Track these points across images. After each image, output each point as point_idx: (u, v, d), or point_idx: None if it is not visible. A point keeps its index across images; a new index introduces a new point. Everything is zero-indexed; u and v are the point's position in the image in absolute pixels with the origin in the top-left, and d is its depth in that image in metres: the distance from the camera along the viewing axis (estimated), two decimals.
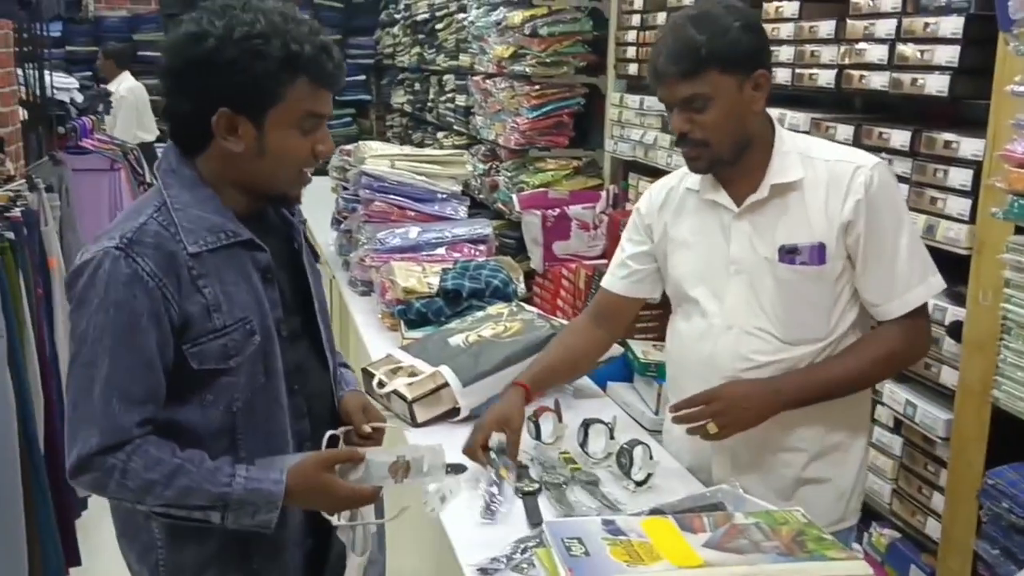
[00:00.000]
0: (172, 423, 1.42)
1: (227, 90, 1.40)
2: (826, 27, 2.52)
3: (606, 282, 2.04)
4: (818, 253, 1.74)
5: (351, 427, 1.63)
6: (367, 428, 1.63)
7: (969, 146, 2.05)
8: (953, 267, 2.08)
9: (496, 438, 1.80)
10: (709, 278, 1.84)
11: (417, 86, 6.89)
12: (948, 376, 2.12)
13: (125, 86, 7.39)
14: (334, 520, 1.52)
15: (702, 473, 1.90)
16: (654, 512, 1.54)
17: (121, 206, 5.39)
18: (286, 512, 1.46)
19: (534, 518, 1.66)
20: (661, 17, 3.60)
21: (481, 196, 4.98)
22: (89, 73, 7.89)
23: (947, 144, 2.11)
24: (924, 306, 1.81)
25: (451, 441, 1.78)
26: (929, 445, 2.22)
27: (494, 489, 1.72)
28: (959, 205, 2.07)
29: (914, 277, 1.75)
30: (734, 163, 1.77)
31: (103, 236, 1.43)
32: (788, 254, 1.75)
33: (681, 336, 1.93)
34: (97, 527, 3.44)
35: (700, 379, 1.83)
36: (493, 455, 1.78)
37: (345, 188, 3.59)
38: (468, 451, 1.83)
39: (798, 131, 2.50)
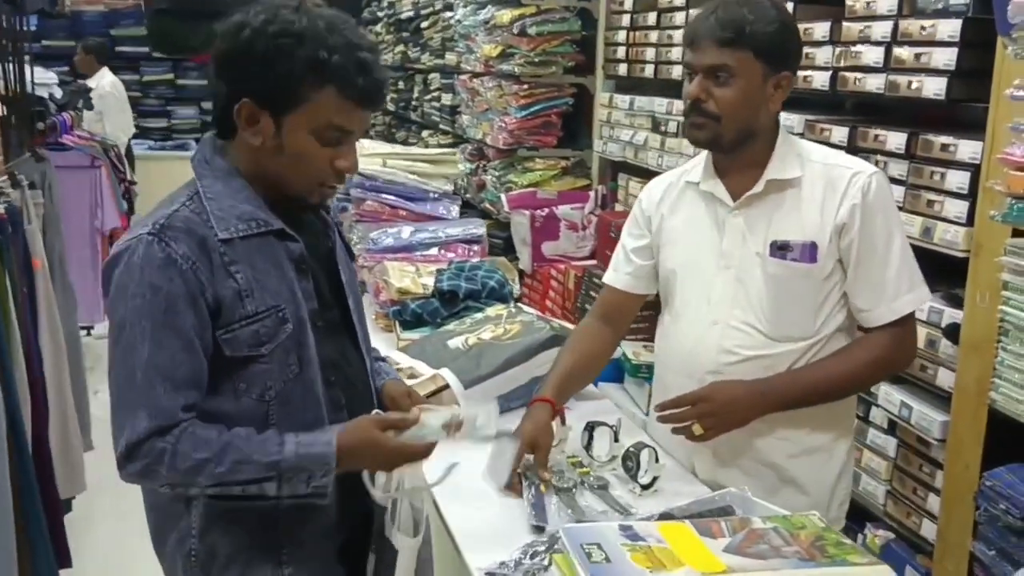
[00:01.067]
0: (206, 412, 1.42)
1: (252, 82, 1.42)
2: (821, 29, 2.53)
3: (609, 279, 2.05)
4: (810, 251, 1.75)
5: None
6: (415, 411, 1.61)
7: (967, 149, 2.07)
8: (950, 270, 2.10)
9: (526, 460, 1.80)
10: (698, 272, 1.85)
11: (401, 84, 6.86)
12: (944, 378, 2.14)
13: (108, 81, 7.30)
14: (375, 493, 1.51)
15: None
16: (665, 516, 1.54)
17: (102, 204, 5.34)
18: (316, 505, 1.47)
19: (540, 520, 1.66)
20: (651, 18, 3.61)
21: (468, 195, 4.97)
22: (66, 68, 7.79)
23: (944, 147, 2.13)
24: (911, 315, 1.82)
25: (453, 444, 1.76)
26: (924, 447, 2.24)
27: (534, 493, 1.73)
28: (957, 208, 2.08)
29: (903, 285, 1.77)
30: (732, 150, 1.78)
31: (137, 225, 1.45)
32: (779, 250, 1.76)
33: (667, 330, 1.94)
34: (85, 529, 3.42)
35: (684, 373, 1.84)
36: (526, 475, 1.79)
37: None
38: (508, 488, 1.80)
39: (792, 133, 2.51)
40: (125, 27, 9.05)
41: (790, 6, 2.66)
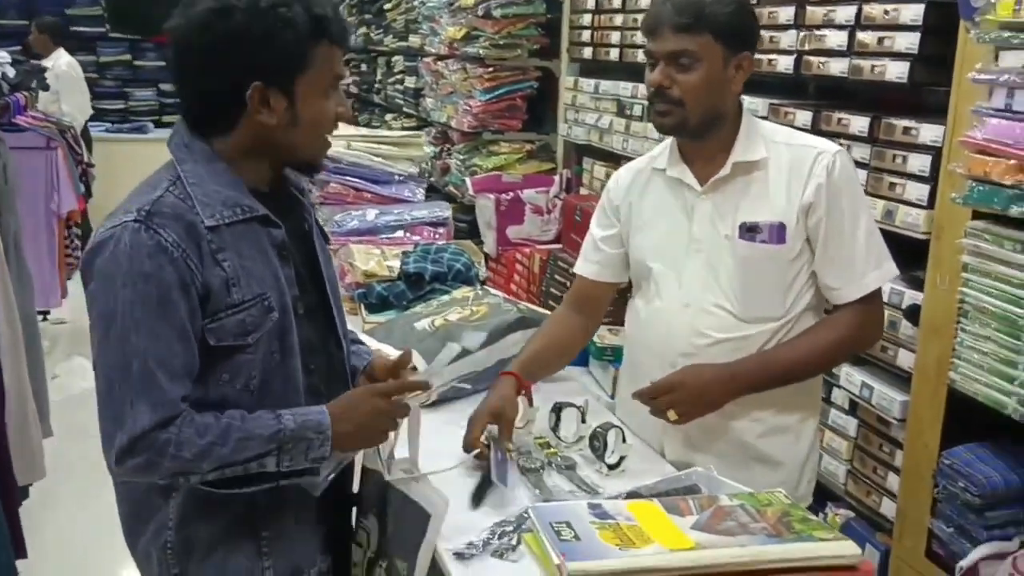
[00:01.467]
0: (192, 400, 1.39)
1: (260, 62, 1.38)
2: (785, 13, 2.54)
3: (578, 268, 2.05)
4: (778, 232, 1.77)
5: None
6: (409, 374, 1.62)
7: (928, 132, 2.09)
8: (911, 252, 2.12)
9: (490, 430, 1.80)
10: (670, 256, 1.86)
11: (364, 67, 6.80)
12: (905, 359, 2.17)
13: (64, 61, 7.13)
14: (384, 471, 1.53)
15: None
16: (632, 495, 1.55)
17: (59, 186, 5.23)
18: (293, 489, 1.46)
19: (500, 478, 1.67)
20: (616, 1, 3.61)
21: (432, 179, 4.94)
22: (19, 48, 7.61)
23: (906, 130, 2.15)
24: (879, 292, 1.84)
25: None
26: (884, 426, 2.27)
27: (500, 455, 1.73)
28: (918, 191, 2.11)
29: (871, 262, 1.79)
30: (698, 135, 1.79)
31: (117, 213, 1.39)
32: (748, 232, 1.78)
33: (639, 314, 1.95)
34: (42, 517, 3.37)
35: (658, 356, 1.85)
36: (488, 444, 1.78)
37: None
38: (468, 447, 1.82)
39: (756, 116, 2.52)
40: (80, 6, 8.83)
41: None
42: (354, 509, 1.70)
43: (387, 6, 5.90)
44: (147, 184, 1.44)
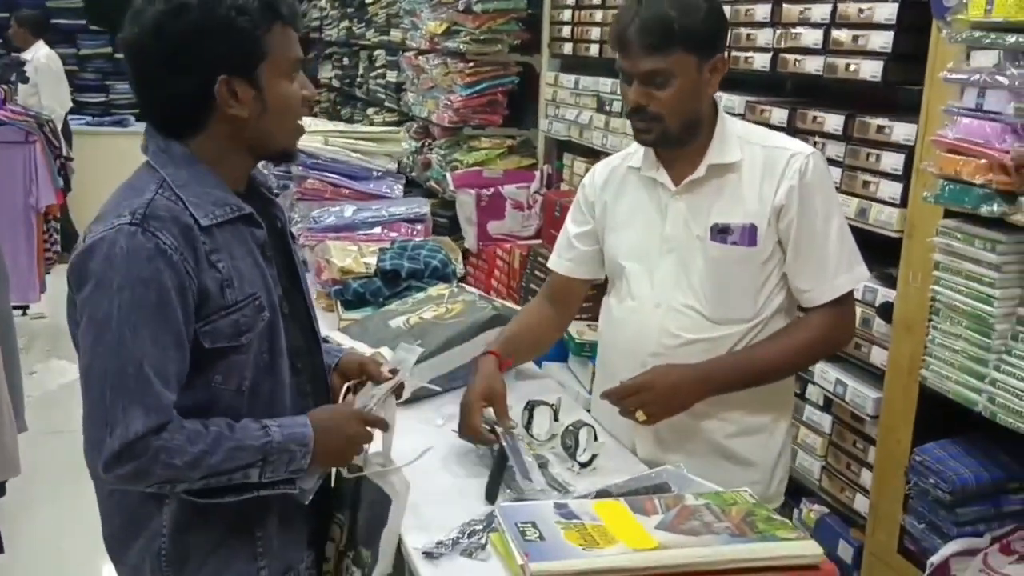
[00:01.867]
0: (180, 407, 1.37)
1: (221, 55, 1.36)
2: (762, 10, 2.55)
3: (552, 263, 2.05)
4: (749, 234, 1.77)
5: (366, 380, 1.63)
6: (386, 372, 1.61)
7: (901, 131, 2.10)
8: (884, 250, 2.14)
9: (486, 415, 1.80)
10: (643, 256, 1.86)
11: (346, 61, 6.78)
12: (878, 356, 2.19)
13: (43, 53, 7.07)
14: (346, 474, 1.54)
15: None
16: (601, 494, 1.55)
17: (37, 180, 5.20)
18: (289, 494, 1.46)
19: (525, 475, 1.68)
20: None
21: (413, 174, 4.93)
22: None
23: (880, 129, 2.16)
24: (850, 294, 1.84)
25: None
26: (858, 423, 2.29)
27: (520, 448, 1.73)
28: (891, 189, 2.12)
29: (842, 265, 1.78)
30: (681, 142, 1.78)
31: (107, 216, 1.37)
32: (720, 233, 1.78)
33: (611, 313, 1.95)
34: (17, 514, 3.35)
35: (628, 355, 1.85)
36: (489, 427, 1.79)
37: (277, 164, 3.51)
38: (469, 433, 1.82)
39: (733, 113, 2.53)
40: None
41: None
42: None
43: (369, 0, 5.88)
44: (131, 187, 1.41)
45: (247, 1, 1.37)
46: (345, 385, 1.61)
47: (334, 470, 1.62)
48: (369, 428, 1.53)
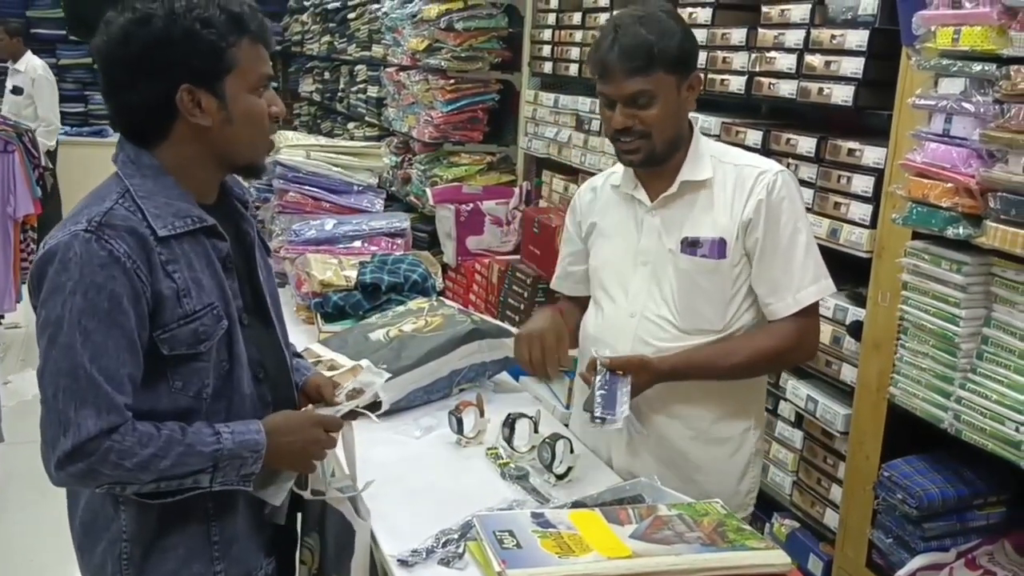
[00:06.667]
0: (139, 411, 1.39)
1: (185, 65, 1.40)
2: (738, 35, 2.61)
3: (554, 284, 2.15)
4: (718, 247, 1.82)
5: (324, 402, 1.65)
6: (341, 396, 1.63)
7: (872, 154, 2.16)
8: (854, 270, 2.19)
9: (596, 354, 1.78)
10: (620, 268, 1.92)
11: (327, 75, 6.80)
12: (848, 373, 2.23)
13: (39, 65, 7.00)
14: (304, 494, 1.56)
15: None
16: (576, 505, 1.58)
17: (15, 189, 5.16)
18: (242, 494, 1.48)
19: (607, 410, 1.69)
20: (576, 17, 3.66)
21: (393, 189, 4.96)
22: None
23: (851, 152, 2.22)
24: (815, 307, 1.88)
25: (371, 435, 1.78)
26: (828, 439, 2.33)
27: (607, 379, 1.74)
28: (861, 210, 2.17)
29: (807, 277, 1.83)
30: (664, 160, 1.84)
31: (66, 223, 1.40)
32: (690, 246, 1.83)
33: (588, 322, 2.00)
34: None
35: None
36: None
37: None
38: (538, 370, 1.83)
39: (709, 134, 2.58)
40: (41, 8, 8.75)
41: (708, 12, 2.74)
42: (299, 521, 1.72)
43: (351, 16, 5.91)
44: (95, 196, 1.45)
45: (213, 14, 1.41)
46: (309, 405, 1.65)
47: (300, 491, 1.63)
48: (331, 433, 1.55)
